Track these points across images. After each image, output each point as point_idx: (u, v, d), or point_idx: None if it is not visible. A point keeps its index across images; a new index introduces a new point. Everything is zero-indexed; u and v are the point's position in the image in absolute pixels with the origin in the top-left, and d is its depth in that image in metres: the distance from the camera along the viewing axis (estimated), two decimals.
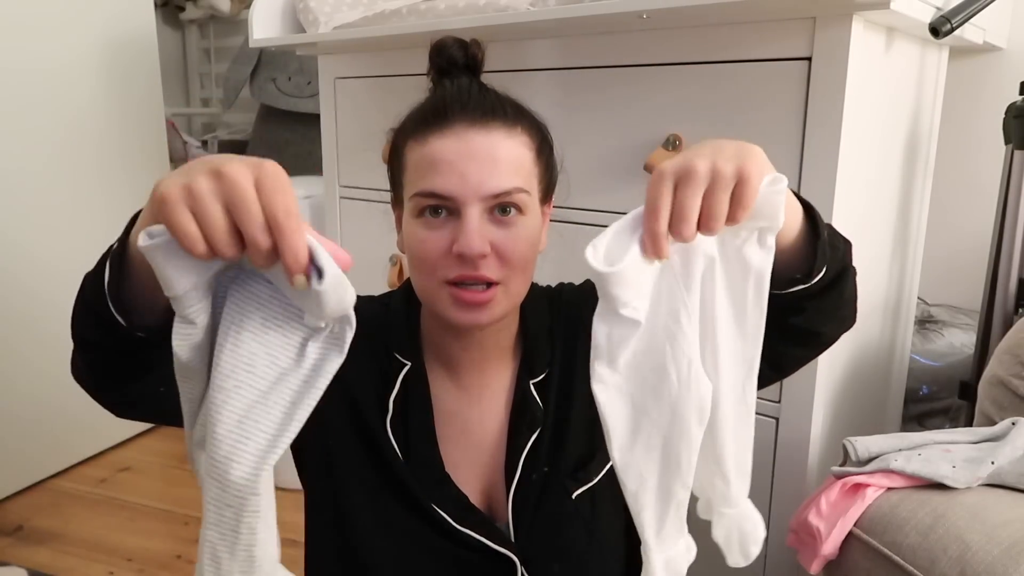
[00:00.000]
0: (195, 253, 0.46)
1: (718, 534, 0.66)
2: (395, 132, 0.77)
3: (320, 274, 0.46)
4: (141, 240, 0.46)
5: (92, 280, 0.55)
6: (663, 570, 0.62)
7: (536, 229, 0.73)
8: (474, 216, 0.68)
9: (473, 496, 0.77)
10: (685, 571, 0.65)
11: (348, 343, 0.50)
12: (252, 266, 0.49)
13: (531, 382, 0.78)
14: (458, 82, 0.74)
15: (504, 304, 0.71)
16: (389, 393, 0.76)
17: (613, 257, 0.54)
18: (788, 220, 0.58)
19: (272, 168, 0.46)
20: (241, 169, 0.46)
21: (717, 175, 0.52)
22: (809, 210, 0.62)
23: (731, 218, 0.53)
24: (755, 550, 0.66)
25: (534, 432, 0.77)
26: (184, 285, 0.47)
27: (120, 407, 0.64)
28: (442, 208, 0.69)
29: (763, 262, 0.56)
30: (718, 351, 0.59)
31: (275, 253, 0.46)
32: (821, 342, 0.72)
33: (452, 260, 0.68)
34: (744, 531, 0.65)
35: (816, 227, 0.61)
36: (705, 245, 0.56)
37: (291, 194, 0.46)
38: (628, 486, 0.60)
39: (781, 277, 0.61)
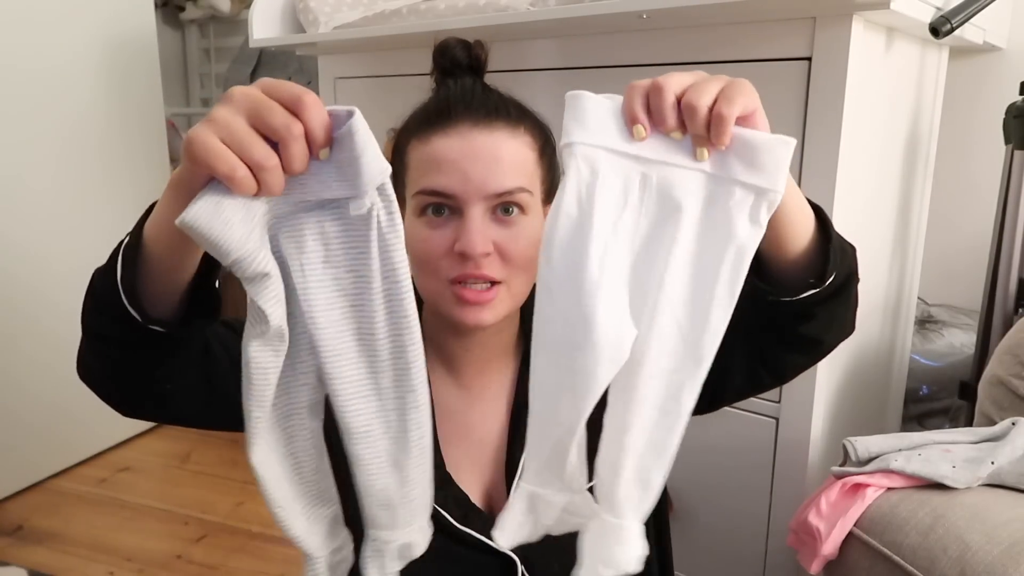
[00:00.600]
0: (235, 179, 0.45)
1: (585, 538, 0.57)
2: (398, 132, 0.77)
3: (344, 125, 0.46)
4: (178, 220, 0.45)
5: (103, 275, 0.55)
6: (524, 500, 0.57)
7: (538, 229, 0.73)
8: (476, 215, 0.68)
9: (474, 495, 0.77)
10: (551, 521, 0.58)
11: (398, 220, 0.49)
12: (287, 207, 0.48)
13: None
14: (461, 82, 0.75)
15: (507, 303, 0.71)
16: None
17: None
18: (800, 223, 0.58)
19: (269, 78, 0.47)
20: (245, 87, 0.47)
21: (709, 76, 0.52)
22: (819, 213, 0.61)
23: (718, 118, 0.50)
24: None
25: None
26: (236, 237, 0.45)
27: (126, 404, 0.64)
28: (444, 207, 0.69)
29: (748, 238, 0.50)
30: (657, 316, 0.51)
31: (306, 144, 0.46)
32: (823, 350, 0.72)
33: (454, 259, 0.69)
34: (611, 552, 0.55)
35: (827, 230, 0.61)
36: (692, 187, 0.51)
37: (295, 84, 0.47)
38: (531, 402, 0.54)
39: (795, 283, 0.61)
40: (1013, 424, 0.95)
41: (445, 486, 0.75)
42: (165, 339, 0.56)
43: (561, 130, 0.56)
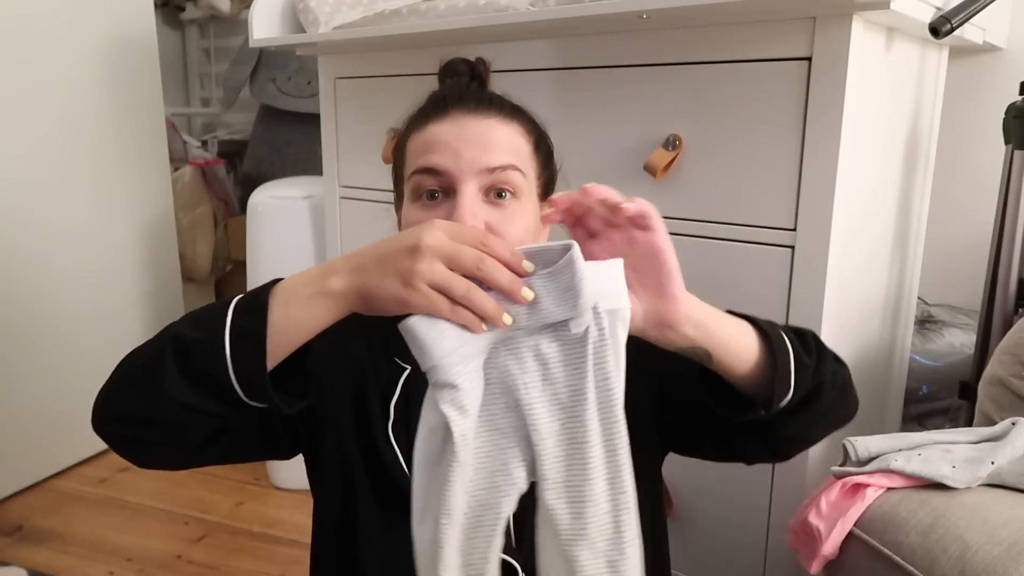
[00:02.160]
0: (465, 320, 0.54)
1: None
2: (399, 134, 0.79)
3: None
4: (401, 325, 0.54)
5: (204, 356, 0.57)
6: None
7: (532, 217, 0.74)
8: (469, 192, 0.69)
9: None
10: None
11: (607, 335, 0.55)
12: (510, 332, 0.56)
13: None
14: (460, 80, 0.78)
15: None
16: (391, 398, 0.76)
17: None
18: (731, 346, 0.61)
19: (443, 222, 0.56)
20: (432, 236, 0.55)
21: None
22: (770, 335, 0.63)
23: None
24: None
25: None
26: (442, 349, 0.54)
27: (139, 451, 0.65)
28: (438, 191, 0.71)
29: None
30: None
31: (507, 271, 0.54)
32: (816, 438, 0.74)
33: None
34: None
35: (775, 355, 0.62)
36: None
37: (470, 231, 0.56)
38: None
39: (741, 403, 0.64)
40: (1013, 424, 0.95)
41: None
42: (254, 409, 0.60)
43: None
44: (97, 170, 2.05)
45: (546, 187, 0.78)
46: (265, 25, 1.60)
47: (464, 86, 0.76)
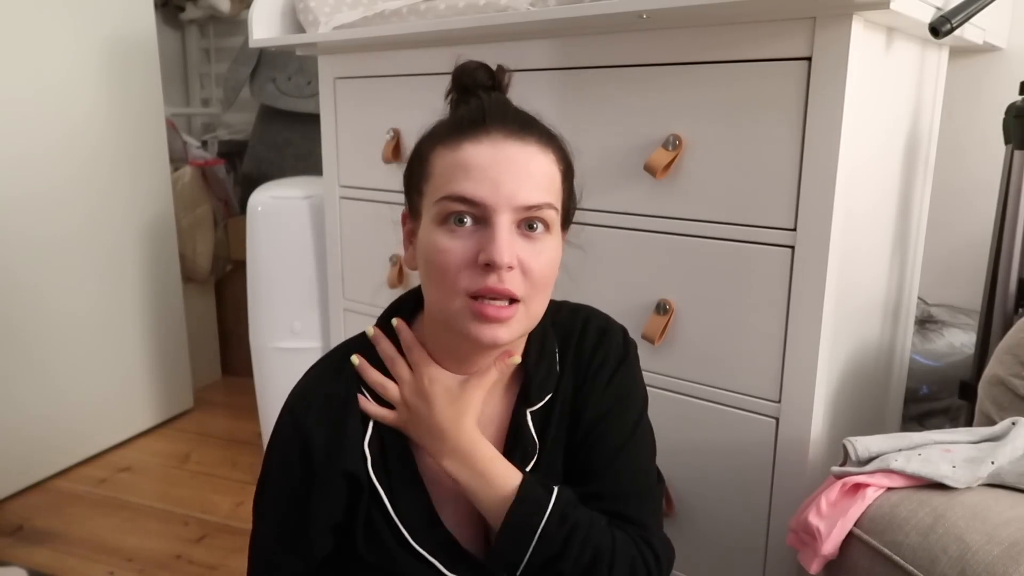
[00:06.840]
0: None
1: None
2: (421, 138, 0.75)
3: None
4: None
5: None
6: None
7: (559, 251, 0.72)
8: (505, 225, 0.66)
9: (469, 529, 0.76)
10: None
11: None
12: None
13: (528, 411, 0.77)
14: (496, 96, 0.73)
15: (523, 323, 0.70)
16: (363, 439, 0.74)
17: None
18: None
19: None
20: None
21: None
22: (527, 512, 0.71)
23: None
24: None
25: (527, 465, 0.76)
26: None
27: None
28: (468, 216, 0.67)
29: None
30: None
31: None
32: None
33: (476, 271, 0.66)
34: None
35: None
36: None
37: None
38: None
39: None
40: (1013, 424, 0.95)
41: (432, 530, 0.74)
42: None
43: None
44: (97, 170, 2.05)
45: (566, 217, 0.75)
46: (265, 25, 1.60)
47: (502, 104, 0.72)
